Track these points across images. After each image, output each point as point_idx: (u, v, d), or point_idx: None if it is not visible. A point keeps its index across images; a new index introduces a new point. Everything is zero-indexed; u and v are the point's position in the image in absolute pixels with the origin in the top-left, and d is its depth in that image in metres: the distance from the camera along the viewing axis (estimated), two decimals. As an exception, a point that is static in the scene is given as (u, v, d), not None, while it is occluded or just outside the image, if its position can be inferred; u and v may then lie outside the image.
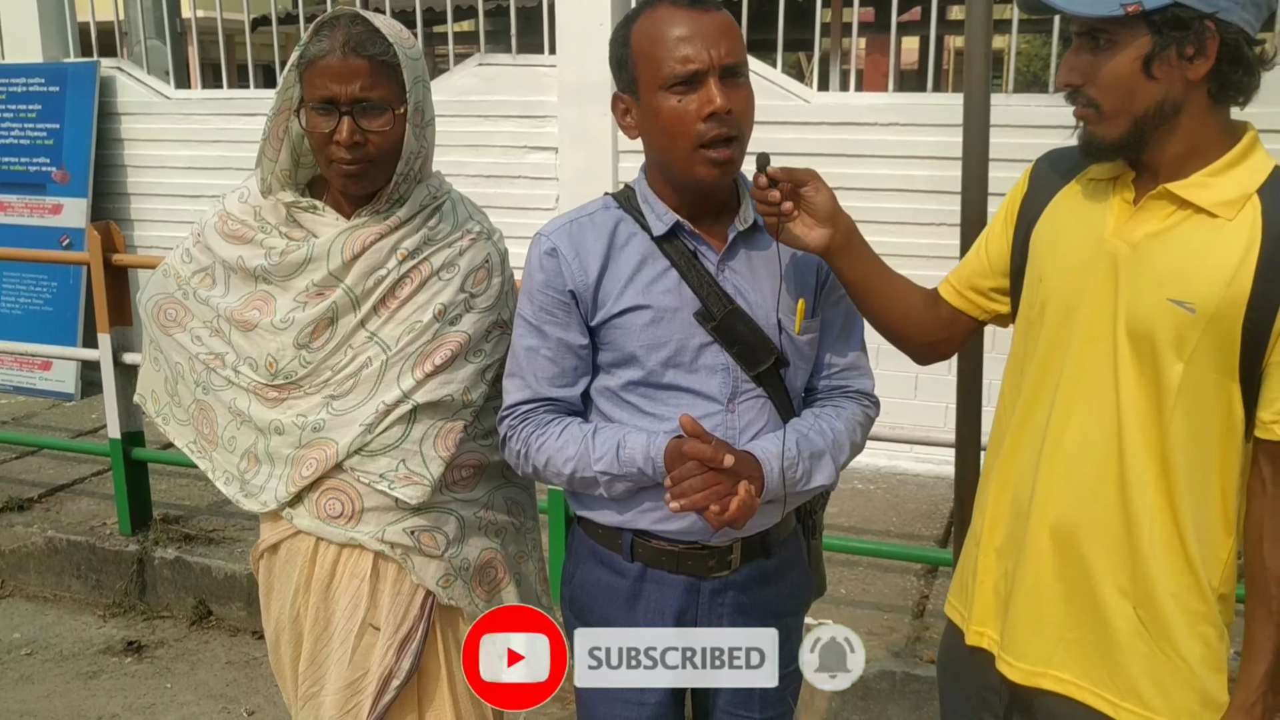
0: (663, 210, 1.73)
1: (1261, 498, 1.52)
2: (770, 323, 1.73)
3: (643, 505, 1.75)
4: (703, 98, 1.61)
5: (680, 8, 1.62)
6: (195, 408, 1.95)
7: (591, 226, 1.75)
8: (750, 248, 1.76)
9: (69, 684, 3.62)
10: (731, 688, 1.84)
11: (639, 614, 1.80)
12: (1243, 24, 1.40)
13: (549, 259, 1.73)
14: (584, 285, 1.72)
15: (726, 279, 1.73)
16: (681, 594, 1.78)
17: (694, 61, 1.60)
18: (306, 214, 1.86)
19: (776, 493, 1.69)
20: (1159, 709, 1.54)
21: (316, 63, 1.73)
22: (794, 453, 1.70)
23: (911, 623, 3.52)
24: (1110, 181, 1.57)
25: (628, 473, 1.69)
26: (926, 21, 5.00)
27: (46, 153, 5.98)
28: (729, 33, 1.63)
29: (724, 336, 1.71)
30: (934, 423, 4.60)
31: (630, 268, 1.72)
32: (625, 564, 1.80)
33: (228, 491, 1.93)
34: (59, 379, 6.00)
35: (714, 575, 1.78)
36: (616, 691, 1.83)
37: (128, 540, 4.17)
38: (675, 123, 1.62)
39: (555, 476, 1.75)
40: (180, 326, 1.95)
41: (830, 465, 1.76)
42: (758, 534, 1.80)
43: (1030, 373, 1.63)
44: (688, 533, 1.75)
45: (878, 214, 4.69)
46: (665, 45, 1.61)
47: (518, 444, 1.77)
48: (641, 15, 1.66)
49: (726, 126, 1.62)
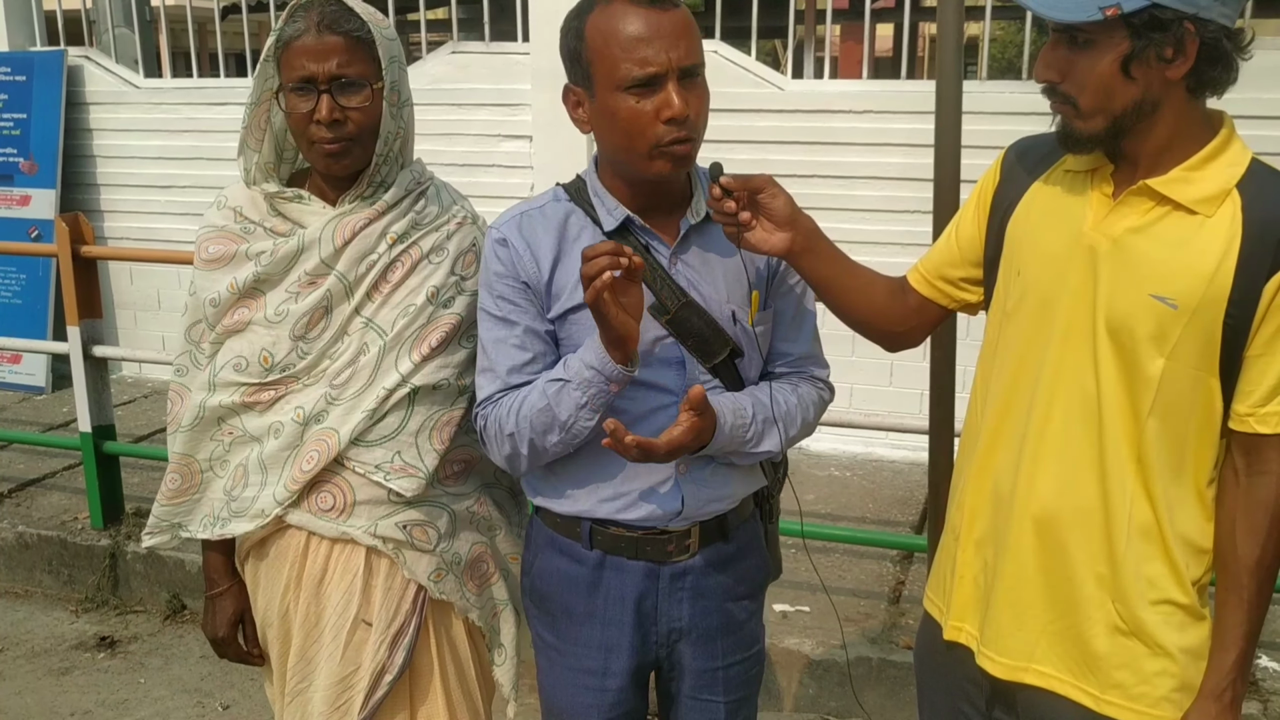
0: (613, 205, 1.72)
1: (1235, 488, 1.53)
2: (724, 315, 1.74)
3: (601, 494, 1.75)
4: (661, 101, 1.58)
5: (637, 5, 1.58)
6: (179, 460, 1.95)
7: (542, 219, 1.74)
8: (703, 241, 1.75)
9: (41, 680, 3.59)
10: (694, 672, 1.86)
11: (599, 601, 1.81)
12: (1222, 19, 1.39)
13: (501, 248, 1.72)
14: (536, 279, 1.71)
15: (680, 272, 1.72)
16: (641, 579, 1.79)
17: (652, 64, 1.57)
18: (292, 204, 1.85)
19: (725, 447, 1.70)
20: (1140, 698, 1.55)
21: (292, 44, 1.73)
22: (748, 413, 1.72)
23: (888, 609, 3.53)
24: (1088, 174, 1.57)
25: (581, 376, 1.64)
26: (901, 8, 5.00)
27: (14, 143, 5.91)
28: (687, 32, 1.60)
29: (679, 330, 1.71)
30: (909, 409, 4.62)
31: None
32: (584, 552, 1.80)
33: (211, 533, 1.91)
34: (29, 372, 5.94)
35: (673, 560, 1.79)
36: (578, 679, 1.84)
37: (100, 535, 4.14)
38: (632, 124, 1.60)
39: (535, 432, 1.69)
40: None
41: (778, 434, 1.77)
42: (715, 518, 1.81)
43: (1008, 365, 1.63)
44: (646, 519, 1.75)
45: (852, 201, 4.71)
46: (622, 45, 1.58)
47: (493, 426, 1.74)
48: (596, 7, 1.62)
49: (685, 129, 1.60)
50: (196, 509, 1.95)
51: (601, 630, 1.82)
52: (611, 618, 1.81)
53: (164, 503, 1.96)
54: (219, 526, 1.91)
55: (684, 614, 1.82)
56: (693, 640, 1.84)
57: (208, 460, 1.93)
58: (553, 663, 1.88)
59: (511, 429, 1.71)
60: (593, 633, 1.82)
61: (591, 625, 1.82)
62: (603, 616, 1.81)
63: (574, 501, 1.78)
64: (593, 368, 1.63)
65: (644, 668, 1.86)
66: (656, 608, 1.81)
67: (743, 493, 1.84)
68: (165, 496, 1.96)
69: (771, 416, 1.76)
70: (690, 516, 1.77)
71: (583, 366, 1.64)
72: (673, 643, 1.84)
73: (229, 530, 1.89)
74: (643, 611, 1.81)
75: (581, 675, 1.84)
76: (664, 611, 1.81)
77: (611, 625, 1.81)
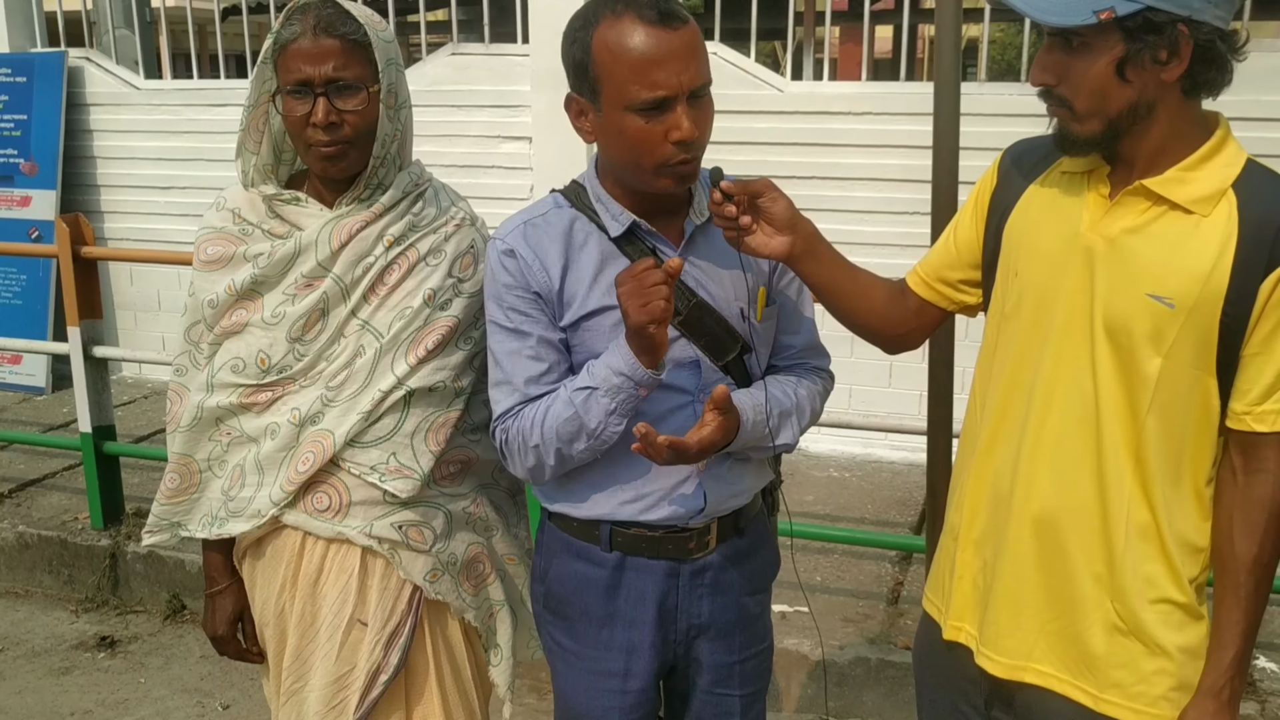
0: (618, 210, 1.72)
1: (1232, 487, 1.53)
2: (733, 312, 1.75)
3: (623, 496, 1.76)
4: (670, 123, 1.58)
5: (648, 23, 1.56)
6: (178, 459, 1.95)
7: (546, 227, 1.74)
8: (708, 240, 1.76)
9: (41, 680, 3.60)
10: (712, 667, 1.86)
11: (619, 602, 1.81)
12: (1215, 21, 1.40)
13: (509, 259, 1.71)
14: (547, 288, 1.71)
15: (688, 273, 1.72)
16: (662, 578, 1.80)
17: (663, 88, 1.56)
18: (289, 206, 1.86)
19: (748, 443, 1.72)
20: (1138, 696, 1.56)
21: (289, 47, 1.74)
22: (766, 408, 1.74)
23: (886, 609, 3.54)
24: (1084, 175, 1.57)
25: (609, 383, 1.64)
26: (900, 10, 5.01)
27: (14, 144, 5.92)
28: (697, 52, 1.59)
29: (691, 329, 1.72)
30: (908, 410, 4.62)
31: (592, 268, 1.71)
32: (603, 554, 1.80)
33: (209, 532, 1.92)
34: (29, 373, 5.94)
35: (693, 558, 1.80)
36: (599, 682, 1.84)
37: (100, 535, 4.14)
38: (641, 142, 1.60)
39: (561, 441, 1.68)
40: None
41: (795, 426, 1.80)
42: (731, 513, 1.82)
43: (1007, 365, 1.64)
44: (669, 519, 1.76)
45: (851, 203, 4.72)
46: (632, 65, 1.56)
47: (516, 438, 1.73)
48: (603, 20, 1.59)
49: (692, 151, 1.61)
50: (195, 508, 1.96)
51: (623, 632, 1.81)
52: (634, 618, 1.81)
53: (163, 502, 1.97)
54: (217, 526, 1.91)
55: (704, 610, 1.83)
56: (711, 636, 1.85)
57: (206, 460, 1.94)
58: (571, 667, 1.87)
59: (536, 440, 1.70)
60: (614, 635, 1.82)
61: (612, 628, 1.82)
62: (624, 618, 1.81)
63: (595, 506, 1.77)
64: (622, 374, 1.63)
65: (663, 667, 1.86)
66: (678, 606, 1.81)
67: (756, 487, 1.86)
68: (164, 496, 1.96)
69: (786, 409, 1.78)
70: (711, 513, 1.78)
71: (610, 373, 1.64)
72: (691, 639, 1.84)
73: (226, 530, 1.90)
74: (664, 610, 1.81)
75: (602, 678, 1.83)
76: (684, 609, 1.82)
77: (634, 626, 1.81)
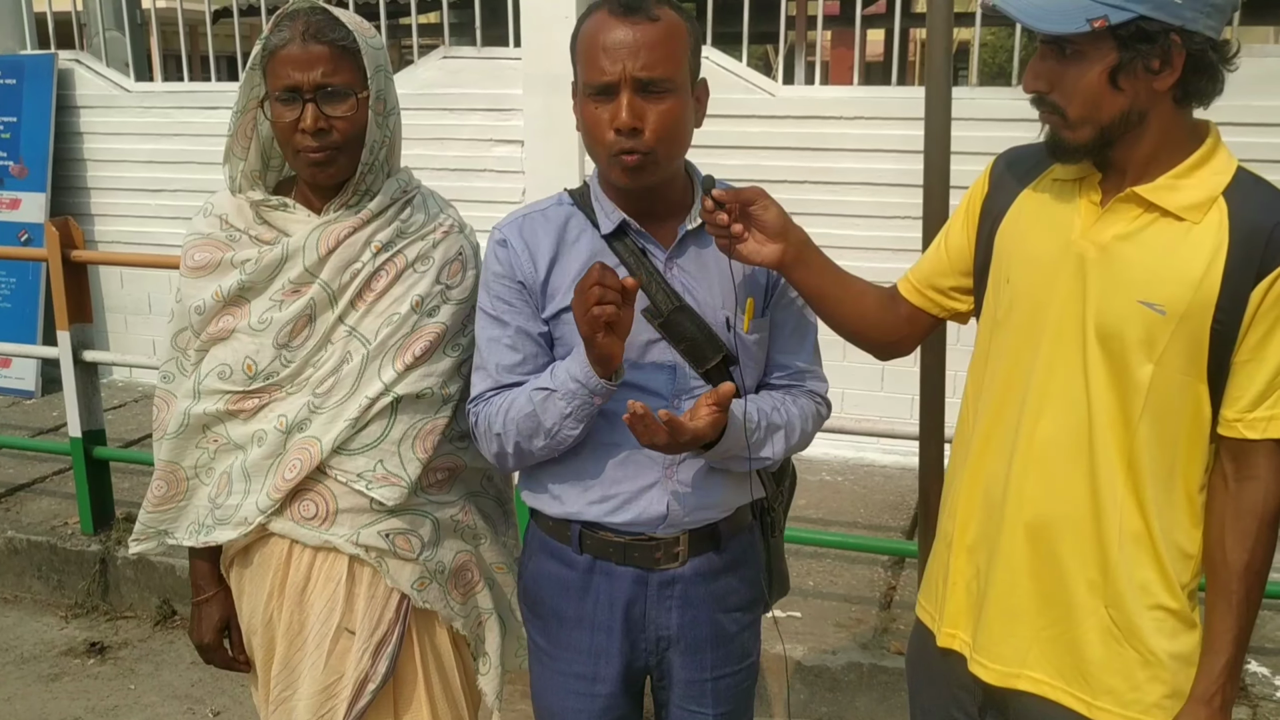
0: (610, 209, 1.74)
1: (1223, 493, 1.53)
2: (718, 321, 1.75)
3: (590, 496, 1.76)
4: (613, 110, 1.63)
5: (613, 15, 1.63)
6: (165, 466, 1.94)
7: (543, 221, 1.78)
8: (700, 246, 1.76)
9: (30, 687, 3.58)
10: (683, 683, 1.86)
11: (589, 606, 1.82)
12: (1208, 31, 1.40)
13: (501, 249, 1.76)
14: (533, 278, 1.74)
15: (675, 277, 1.74)
16: (629, 585, 1.80)
17: (607, 74, 1.62)
18: (277, 212, 1.86)
19: (730, 450, 1.71)
20: (1132, 704, 1.56)
21: (278, 52, 1.74)
22: (755, 419, 1.73)
23: (879, 614, 3.54)
24: (1076, 182, 1.58)
25: (566, 388, 1.66)
26: (891, 14, 5.02)
27: (4, 147, 5.89)
28: (654, 46, 1.62)
29: (671, 333, 1.72)
30: (901, 415, 4.62)
31: (579, 263, 1.73)
32: (575, 556, 1.81)
33: (196, 540, 1.91)
34: (19, 376, 5.92)
35: (661, 568, 1.79)
36: (568, 683, 1.84)
37: (90, 540, 4.13)
38: (591, 128, 1.66)
39: (520, 435, 1.71)
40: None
41: (782, 442, 1.79)
42: (705, 527, 1.81)
43: (999, 372, 1.64)
44: (633, 524, 1.76)
45: (843, 207, 4.72)
46: (587, 50, 1.64)
47: (483, 423, 1.77)
48: (591, 13, 1.68)
49: (633, 142, 1.62)
50: (182, 516, 1.95)
51: (591, 635, 1.82)
52: (601, 623, 1.81)
53: (150, 509, 1.96)
54: (204, 534, 1.90)
55: (672, 622, 1.82)
56: (681, 650, 1.84)
57: (193, 468, 1.93)
58: (544, 666, 1.89)
59: (499, 429, 1.74)
60: (582, 638, 1.83)
61: (581, 630, 1.82)
62: (592, 622, 1.81)
63: (563, 503, 1.79)
64: (577, 380, 1.65)
65: (634, 674, 1.86)
66: (645, 614, 1.81)
67: (735, 502, 1.83)
68: (151, 503, 1.95)
69: (775, 424, 1.77)
70: (677, 524, 1.77)
71: (568, 378, 1.66)
72: (662, 650, 1.84)
73: (213, 538, 1.89)
74: (631, 618, 1.81)
75: (571, 680, 1.85)
76: (652, 619, 1.82)
77: (600, 630, 1.81)
